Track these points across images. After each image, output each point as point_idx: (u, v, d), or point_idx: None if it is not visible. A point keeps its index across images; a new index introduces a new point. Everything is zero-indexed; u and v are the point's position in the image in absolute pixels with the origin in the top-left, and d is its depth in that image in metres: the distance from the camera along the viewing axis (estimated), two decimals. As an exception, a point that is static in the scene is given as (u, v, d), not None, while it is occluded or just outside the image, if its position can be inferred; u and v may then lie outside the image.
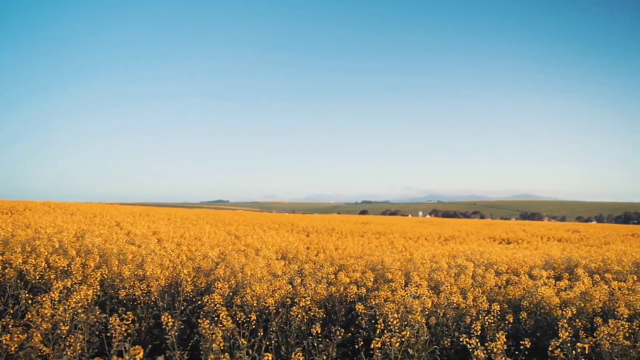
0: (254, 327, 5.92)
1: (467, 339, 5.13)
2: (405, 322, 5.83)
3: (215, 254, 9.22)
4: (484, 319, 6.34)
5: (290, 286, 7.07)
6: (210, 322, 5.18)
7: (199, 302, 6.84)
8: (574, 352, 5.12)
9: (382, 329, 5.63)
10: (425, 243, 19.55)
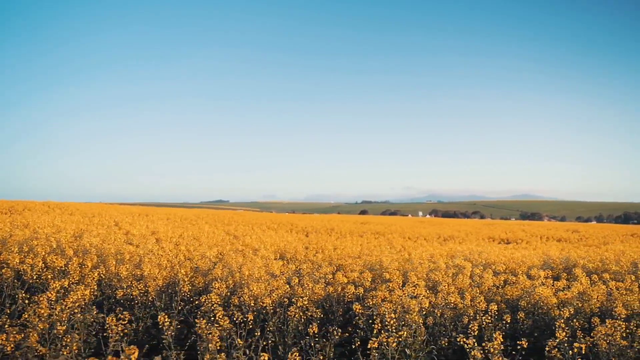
0: (251, 327, 5.92)
1: (465, 339, 5.13)
2: (403, 322, 5.83)
3: (213, 254, 9.21)
4: (481, 319, 6.35)
5: (288, 286, 7.07)
6: (208, 322, 5.18)
7: (197, 302, 6.83)
8: (570, 352, 5.12)
9: (379, 329, 5.62)
10: (424, 243, 19.54)
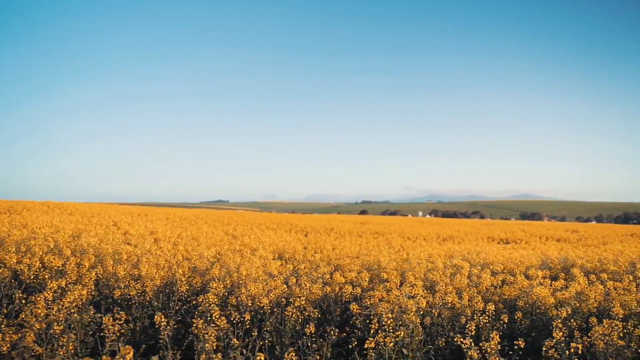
0: (248, 326, 5.91)
1: (462, 339, 5.12)
2: (400, 322, 5.82)
3: (211, 254, 9.21)
4: (478, 319, 6.34)
5: (286, 286, 7.06)
6: (205, 322, 5.17)
7: (194, 302, 6.83)
8: (567, 352, 5.12)
9: (377, 329, 5.62)
10: (424, 243, 19.55)
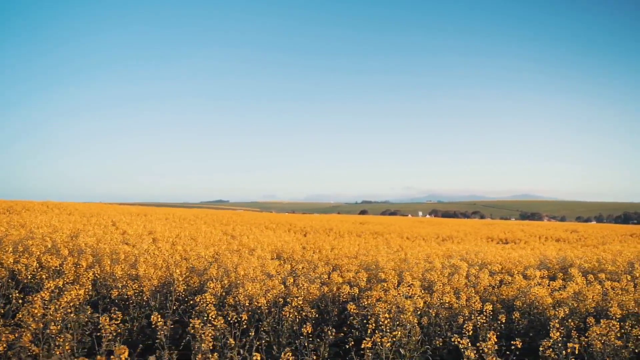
0: (245, 326, 5.91)
1: (459, 339, 5.11)
2: (397, 322, 5.82)
3: (209, 254, 9.20)
4: (476, 319, 6.33)
5: (283, 286, 7.06)
6: (202, 322, 5.17)
7: (192, 302, 6.82)
8: (564, 352, 5.11)
9: (374, 329, 5.61)
10: (423, 243, 19.54)
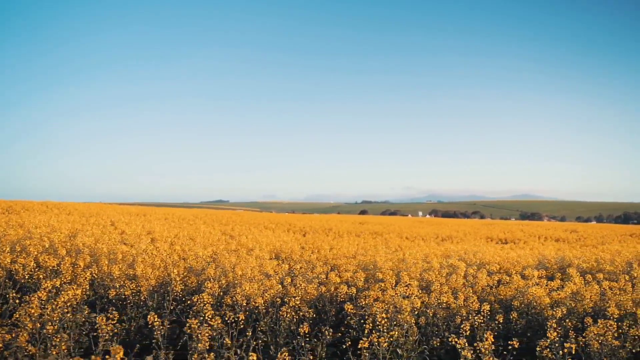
0: (243, 326, 5.91)
1: (456, 339, 5.11)
2: (395, 322, 5.81)
3: (207, 254, 9.20)
4: (473, 319, 6.33)
5: (281, 286, 7.05)
6: (199, 321, 5.17)
7: (189, 302, 6.82)
8: (561, 352, 5.11)
9: (371, 329, 5.61)
10: (422, 243, 19.54)
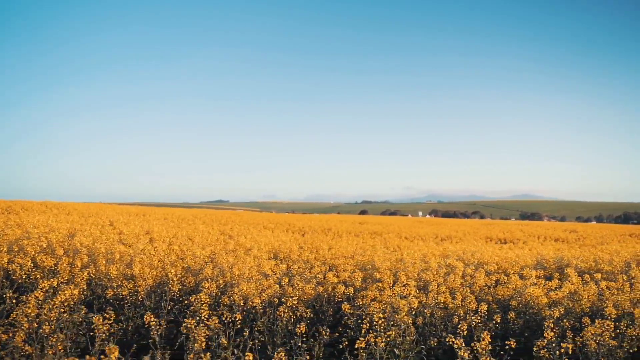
0: (240, 326, 5.90)
1: (454, 339, 5.11)
2: (392, 322, 5.81)
3: (205, 254, 9.19)
4: (471, 319, 6.33)
5: (278, 286, 7.05)
6: (197, 321, 5.16)
7: (186, 302, 6.81)
8: (558, 352, 5.11)
9: (368, 329, 5.61)
10: (421, 243, 19.53)
